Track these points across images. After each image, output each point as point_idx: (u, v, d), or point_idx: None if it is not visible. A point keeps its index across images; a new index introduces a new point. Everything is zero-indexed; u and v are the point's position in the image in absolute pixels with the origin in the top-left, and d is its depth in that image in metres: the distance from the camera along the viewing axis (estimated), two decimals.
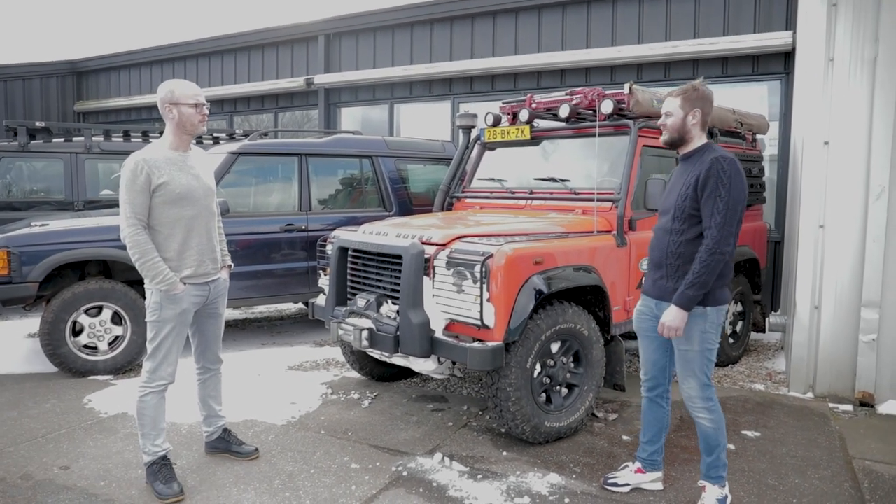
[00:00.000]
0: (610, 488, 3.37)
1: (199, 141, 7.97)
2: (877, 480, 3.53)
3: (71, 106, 14.49)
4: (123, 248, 5.16)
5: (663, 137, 3.14)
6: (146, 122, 13.32)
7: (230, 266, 3.65)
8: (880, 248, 4.60)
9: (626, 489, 3.36)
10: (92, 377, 5.19)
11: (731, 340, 5.81)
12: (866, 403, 4.70)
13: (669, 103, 3.09)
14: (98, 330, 5.24)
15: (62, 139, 7.54)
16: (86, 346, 5.23)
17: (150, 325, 3.26)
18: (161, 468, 3.30)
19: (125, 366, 5.31)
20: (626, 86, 4.51)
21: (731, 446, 3.91)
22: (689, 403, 3.09)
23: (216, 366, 3.68)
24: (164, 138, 3.29)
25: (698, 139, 3.09)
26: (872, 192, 4.57)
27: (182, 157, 3.29)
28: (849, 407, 4.68)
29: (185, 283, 3.26)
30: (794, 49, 6.97)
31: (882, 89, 4.55)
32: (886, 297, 4.63)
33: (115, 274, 5.54)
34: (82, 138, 7.45)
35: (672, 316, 2.94)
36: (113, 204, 7.07)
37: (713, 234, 2.87)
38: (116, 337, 5.33)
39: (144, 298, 5.54)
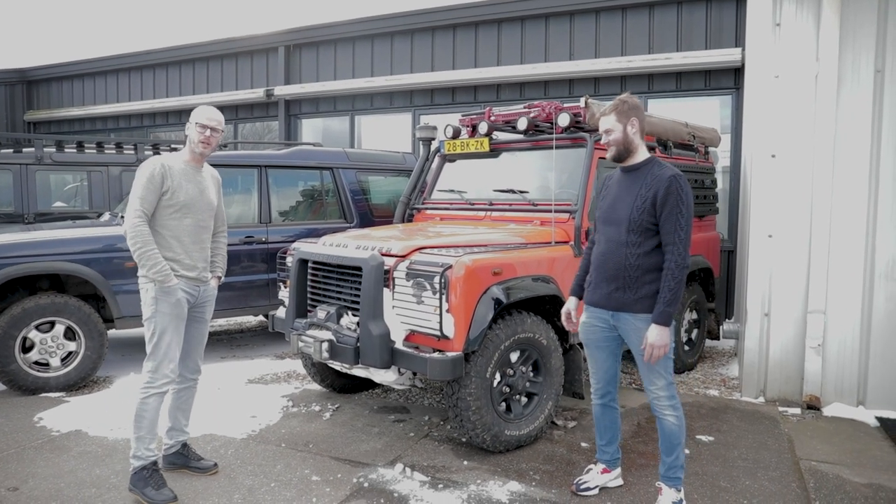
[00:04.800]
0: (583, 493, 3.42)
1: (157, 150, 7.81)
2: (821, 480, 3.67)
3: (20, 115, 14.08)
4: (77, 262, 5.15)
5: (610, 154, 3.19)
6: (101, 132, 13.03)
7: (220, 278, 3.71)
8: (825, 258, 4.79)
9: (596, 491, 3.43)
10: (43, 394, 5.04)
11: (686, 348, 5.95)
12: (813, 406, 4.87)
13: (605, 121, 3.15)
14: (50, 346, 5.10)
15: (11, 150, 7.34)
16: (36, 363, 5.08)
17: (148, 322, 3.31)
18: (152, 473, 3.32)
19: (79, 382, 5.17)
20: (582, 100, 4.62)
21: (687, 451, 3.99)
22: (656, 403, 3.17)
23: (195, 375, 3.69)
24: (184, 150, 3.50)
25: (641, 149, 3.17)
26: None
27: (194, 170, 3.48)
28: (797, 410, 4.85)
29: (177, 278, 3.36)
30: (743, 65, 7.22)
31: (823, 105, 4.75)
32: (830, 305, 4.82)
33: (68, 288, 5.41)
34: (33, 149, 7.26)
35: (657, 334, 2.99)
36: (65, 217, 6.91)
37: (679, 250, 2.98)
38: (70, 353, 5.19)
39: (98, 313, 5.40)
